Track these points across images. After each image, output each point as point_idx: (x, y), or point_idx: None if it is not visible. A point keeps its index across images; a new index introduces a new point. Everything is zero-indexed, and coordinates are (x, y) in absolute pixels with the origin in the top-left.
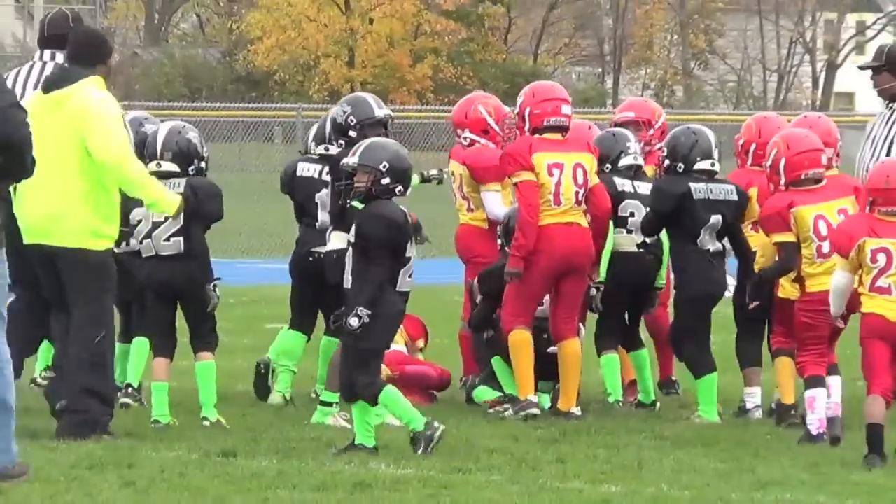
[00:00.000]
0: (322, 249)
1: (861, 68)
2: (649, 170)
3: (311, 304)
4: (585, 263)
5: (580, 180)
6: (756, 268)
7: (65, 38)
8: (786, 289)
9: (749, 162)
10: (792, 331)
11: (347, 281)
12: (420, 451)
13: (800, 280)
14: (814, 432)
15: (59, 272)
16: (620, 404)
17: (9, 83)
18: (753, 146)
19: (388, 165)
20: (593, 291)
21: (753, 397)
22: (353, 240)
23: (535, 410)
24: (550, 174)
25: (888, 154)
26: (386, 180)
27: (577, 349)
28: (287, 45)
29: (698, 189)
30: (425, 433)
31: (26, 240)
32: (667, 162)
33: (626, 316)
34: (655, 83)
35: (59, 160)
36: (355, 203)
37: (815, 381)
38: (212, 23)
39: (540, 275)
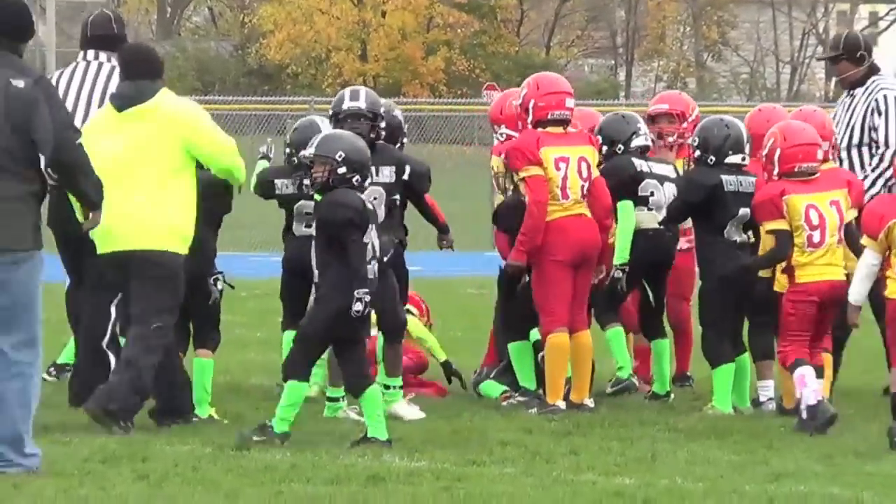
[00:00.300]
0: None
1: (819, 59)
2: (679, 163)
3: None
4: (595, 255)
5: (584, 174)
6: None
7: (108, 39)
8: (780, 282)
9: None
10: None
11: (315, 274)
12: (255, 437)
13: (789, 270)
14: (813, 401)
15: (134, 273)
16: (635, 377)
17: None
18: None
19: (343, 155)
20: (619, 274)
21: (767, 390)
22: (314, 231)
23: (559, 415)
24: (557, 168)
25: (850, 140)
26: (342, 170)
27: (589, 341)
28: (299, 39)
29: (729, 181)
30: (276, 435)
31: (103, 248)
32: (698, 153)
33: (649, 301)
34: (668, 75)
35: (143, 169)
36: (315, 196)
37: (800, 362)
38: (224, 16)
39: (561, 267)
